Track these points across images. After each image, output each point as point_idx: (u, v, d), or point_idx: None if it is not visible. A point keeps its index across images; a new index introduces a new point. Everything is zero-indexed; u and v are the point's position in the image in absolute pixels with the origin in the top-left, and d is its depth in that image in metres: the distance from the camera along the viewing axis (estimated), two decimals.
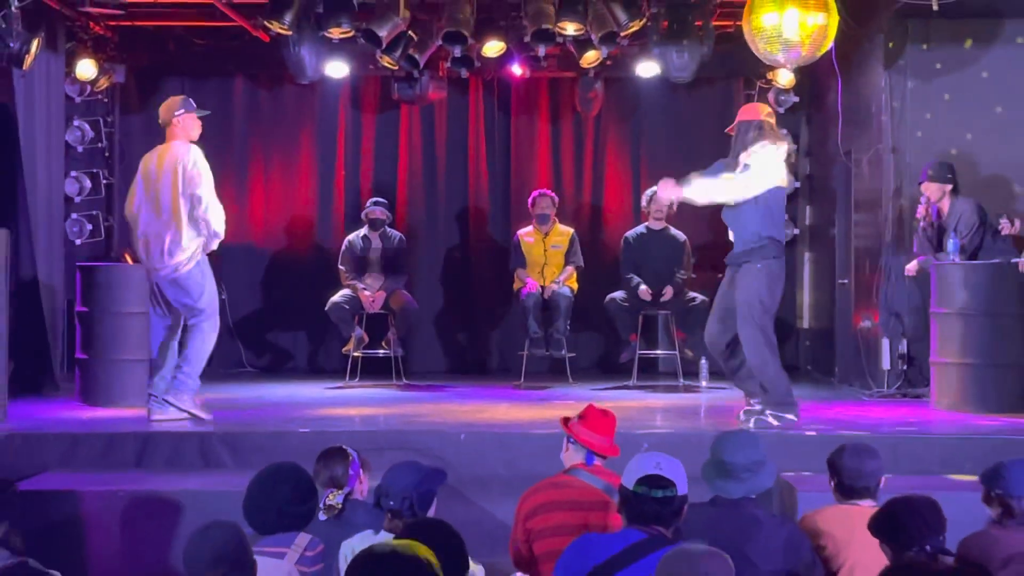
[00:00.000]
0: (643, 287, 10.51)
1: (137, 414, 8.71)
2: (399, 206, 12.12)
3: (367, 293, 10.69)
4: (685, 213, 9.96)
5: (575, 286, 11.04)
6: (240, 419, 8.61)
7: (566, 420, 5.36)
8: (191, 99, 8.62)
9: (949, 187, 9.24)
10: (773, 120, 8.11)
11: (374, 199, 11.15)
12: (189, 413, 8.21)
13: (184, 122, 8.41)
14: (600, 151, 12.35)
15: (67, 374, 10.29)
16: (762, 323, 7.82)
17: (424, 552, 3.26)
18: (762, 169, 7.79)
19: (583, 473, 5.17)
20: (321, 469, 5.16)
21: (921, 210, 9.28)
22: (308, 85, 11.34)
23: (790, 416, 7.93)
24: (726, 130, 8.27)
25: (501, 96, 12.24)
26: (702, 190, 7.93)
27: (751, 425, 7.84)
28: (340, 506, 4.99)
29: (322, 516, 4.95)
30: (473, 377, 11.39)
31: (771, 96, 11.72)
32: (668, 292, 10.51)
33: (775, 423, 7.87)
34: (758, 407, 8.03)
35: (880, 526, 4.40)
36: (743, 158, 7.85)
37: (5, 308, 8.28)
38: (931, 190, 9.27)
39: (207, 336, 8.36)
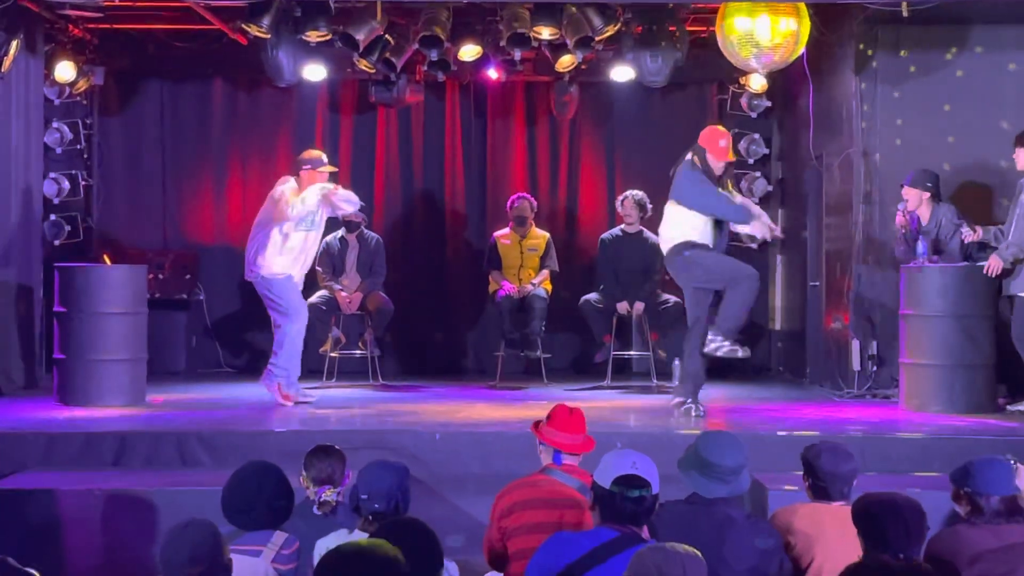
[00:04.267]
0: (621, 303, 10.56)
1: (115, 414, 8.69)
2: (376, 208, 12.10)
3: (344, 294, 10.67)
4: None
5: (549, 288, 11.04)
6: (217, 419, 8.58)
7: (536, 424, 5.36)
8: (324, 158, 9.37)
9: (927, 195, 9.20)
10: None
11: None
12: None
13: (309, 177, 9.22)
14: (575, 154, 12.36)
15: (45, 374, 10.24)
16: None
17: (390, 550, 3.25)
18: None
19: (557, 472, 5.17)
20: (317, 464, 5.15)
21: (900, 218, 9.26)
22: (286, 88, 11.30)
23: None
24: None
25: (477, 100, 12.23)
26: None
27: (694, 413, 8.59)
28: (335, 503, 4.99)
29: (316, 511, 4.96)
30: (449, 377, 11.38)
31: (744, 101, 11.74)
32: (640, 307, 10.55)
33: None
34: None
35: (860, 521, 4.39)
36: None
37: None
38: (910, 195, 9.25)
39: (290, 338, 9.22)
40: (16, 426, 8.06)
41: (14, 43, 8.51)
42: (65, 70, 10.93)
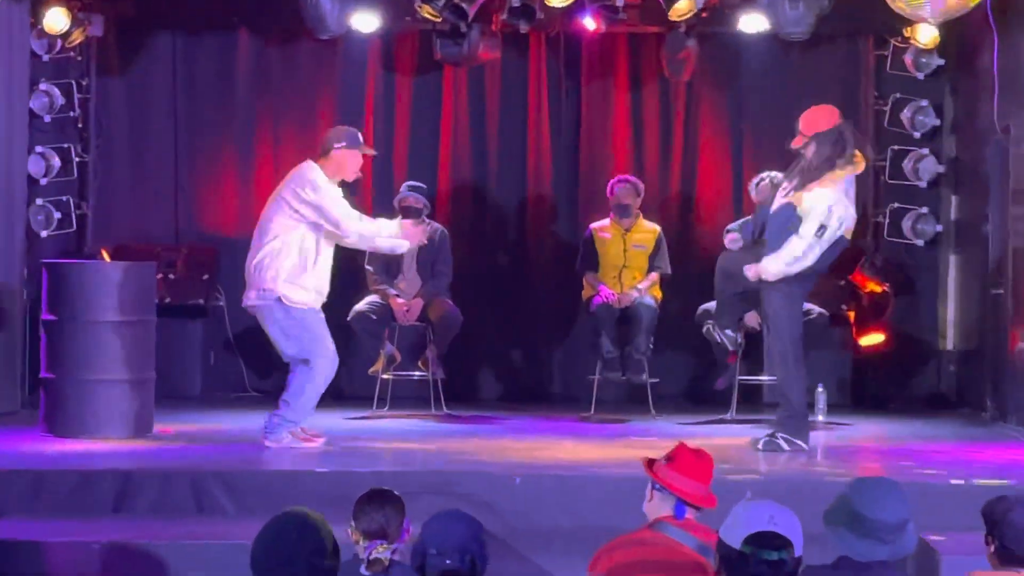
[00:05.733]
0: (750, 314, 10.49)
1: (115, 448, 8.79)
2: (440, 192, 12.14)
3: (400, 301, 10.71)
4: None
5: (659, 296, 11.03)
6: (242, 455, 8.66)
7: (650, 462, 5.34)
8: (359, 134, 9.31)
9: None
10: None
11: (409, 183, 11.16)
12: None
13: (343, 158, 9.12)
14: (692, 125, 12.33)
15: (30, 397, 10.37)
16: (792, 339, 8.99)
17: None
18: (830, 223, 8.72)
19: (671, 528, 5.15)
20: (369, 513, 5.18)
21: None
22: (329, 41, 11.39)
23: (800, 442, 8.92)
24: (791, 145, 8.96)
25: (569, 57, 12.24)
26: (781, 268, 8.84)
27: (760, 447, 8.94)
28: (388, 561, 5.01)
29: (364, 572, 4.99)
30: (531, 406, 11.41)
31: (908, 58, 11.65)
32: None
33: (786, 447, 8.88)
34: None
35: None
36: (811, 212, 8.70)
37: None
38: None
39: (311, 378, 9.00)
40: None
41: None
42: (56, 18, 11.05)
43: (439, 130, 12.31)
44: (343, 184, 9.28)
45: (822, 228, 8.68)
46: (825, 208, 8.68)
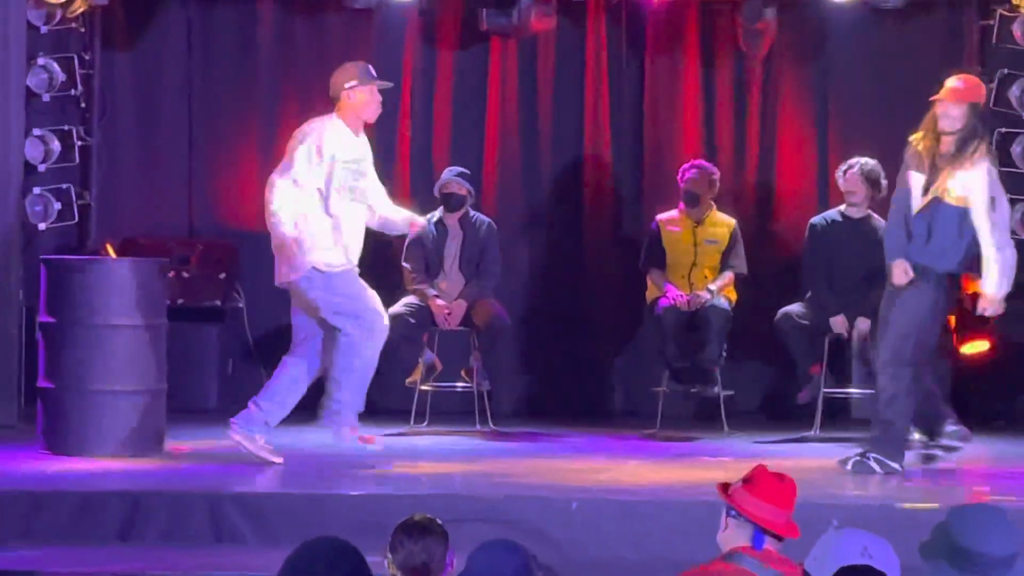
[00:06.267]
0: (837, 318, 10.44)
1: (122, 466, 8.80)
2: (486, 181, 12.13)
3: (441, 302, 10.71)
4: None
5: (734, 298, 11.00)
6: (264, 476, 8.67)
7: (725, 486, 5.32)
8: (370, 66, 9.32)
9: None
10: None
11: (452, 169, 11.16)
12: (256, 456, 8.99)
13: (355, 97, 9.17)
14: (771, 105, 12.29)
15: (26, 410, 10.41)
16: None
17: None
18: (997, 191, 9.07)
19: (749, 560, 5.12)
20: (408, 544, 5.17)
21: None
22: (363, 11, 11.46)
23: (895, 464, 8.99)
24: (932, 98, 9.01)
25: (632, 27, 12.23)
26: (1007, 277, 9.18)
27: (849, 468, 9.03)
28: None
29: None
30: (588, 422, 11.39)
31: (1018, 29, 11.56)
32: (866, 325, 10.43)
33: (879, 470, 8.94)
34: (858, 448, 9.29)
35: None
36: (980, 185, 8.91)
37: None
38: None
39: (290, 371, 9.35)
40: None
41: None
42: None
43: (485, 110, 12.30)
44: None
45: (992, 200, 8.84)
46: (982, 181, 8.84)
